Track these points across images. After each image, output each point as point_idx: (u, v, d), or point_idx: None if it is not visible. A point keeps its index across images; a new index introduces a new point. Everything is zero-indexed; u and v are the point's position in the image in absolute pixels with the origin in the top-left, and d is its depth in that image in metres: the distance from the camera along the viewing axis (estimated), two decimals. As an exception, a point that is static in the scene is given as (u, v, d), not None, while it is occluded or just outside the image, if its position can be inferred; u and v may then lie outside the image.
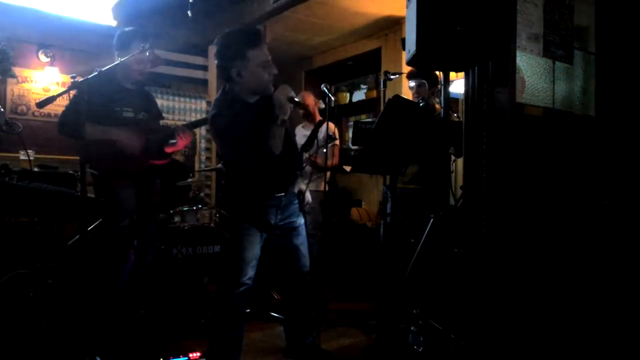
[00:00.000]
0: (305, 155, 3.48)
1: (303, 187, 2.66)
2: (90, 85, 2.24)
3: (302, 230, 2.64)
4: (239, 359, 2.44)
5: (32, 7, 4.73)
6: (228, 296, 2.41)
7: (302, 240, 2.62)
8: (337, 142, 4.24)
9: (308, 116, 4.18)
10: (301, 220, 2.64)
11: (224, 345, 2.40)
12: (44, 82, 5.18)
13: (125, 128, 2.69)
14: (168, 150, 2.93)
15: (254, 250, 2.43)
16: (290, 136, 2.52)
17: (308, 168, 3.74)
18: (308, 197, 2.72)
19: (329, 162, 4.02)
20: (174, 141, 2.84)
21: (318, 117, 4.15)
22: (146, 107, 2.89)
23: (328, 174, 4.28)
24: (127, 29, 2.82)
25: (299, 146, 2.75)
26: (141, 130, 2.75)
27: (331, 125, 4.26)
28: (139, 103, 2.85)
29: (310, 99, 4.14)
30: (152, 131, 2.81)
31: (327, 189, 3.96)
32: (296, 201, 2.61)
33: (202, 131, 5.67)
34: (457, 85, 3.79)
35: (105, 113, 2.67)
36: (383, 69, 5.05)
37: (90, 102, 2.51)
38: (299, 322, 2.69)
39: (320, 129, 3.35)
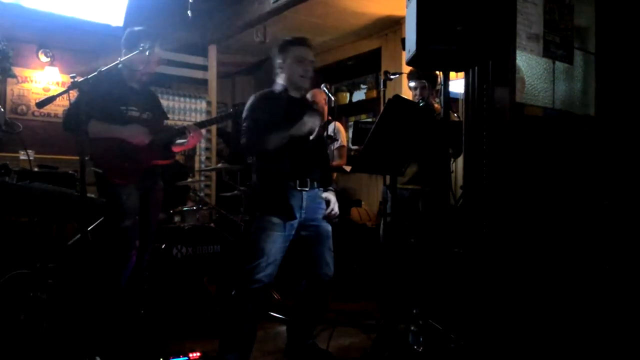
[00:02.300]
0: None
1: (332, 197, 2.63)
2: (95, 84, 2.24)
3: (329, 237, 2.62)
4: (249, 355, 2.44)
5: (31, 7, 4.72)
6: (243, 291, 2.41)
7: (328, 248, 2.60)
8: (344, 142, 4.23)
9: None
10: (328, 227, 2.62)
11: (235, 340, 2.41)
12: (44, 82, 5.18)
13: (130, 127, 2.70)
14: (177, 149, 2.93)
15: (275, 246, 2.42)
16: (321, 135, 2.63)
17: None
18: (335, 207, 2.65)
19: (335, 163, 4.01)
20: (183, 140, 2.85)
21: (327, 117, 4.14)
22: (151, 107, 2.90)
23: (334, 175, 4.29)
24: (136, 29, 2.81)
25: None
26: (145, 129, 2.75)
27: (340, 126, 4.26)
28: (144, 103, 2.86)
29: (321, 97, 4.13)
30: (156, 131, 2.82)
31: (336, 189, 3.95)
32: (323, 206, 2.61)
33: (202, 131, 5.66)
34: (457, 85, 3.79)
35: (110, 112, 2.68)
36: (383, 69, 5.04)
37: (96, 101, 2.52)
38: (304, 325, 2.69)
39: (327, 129, 3.34)
